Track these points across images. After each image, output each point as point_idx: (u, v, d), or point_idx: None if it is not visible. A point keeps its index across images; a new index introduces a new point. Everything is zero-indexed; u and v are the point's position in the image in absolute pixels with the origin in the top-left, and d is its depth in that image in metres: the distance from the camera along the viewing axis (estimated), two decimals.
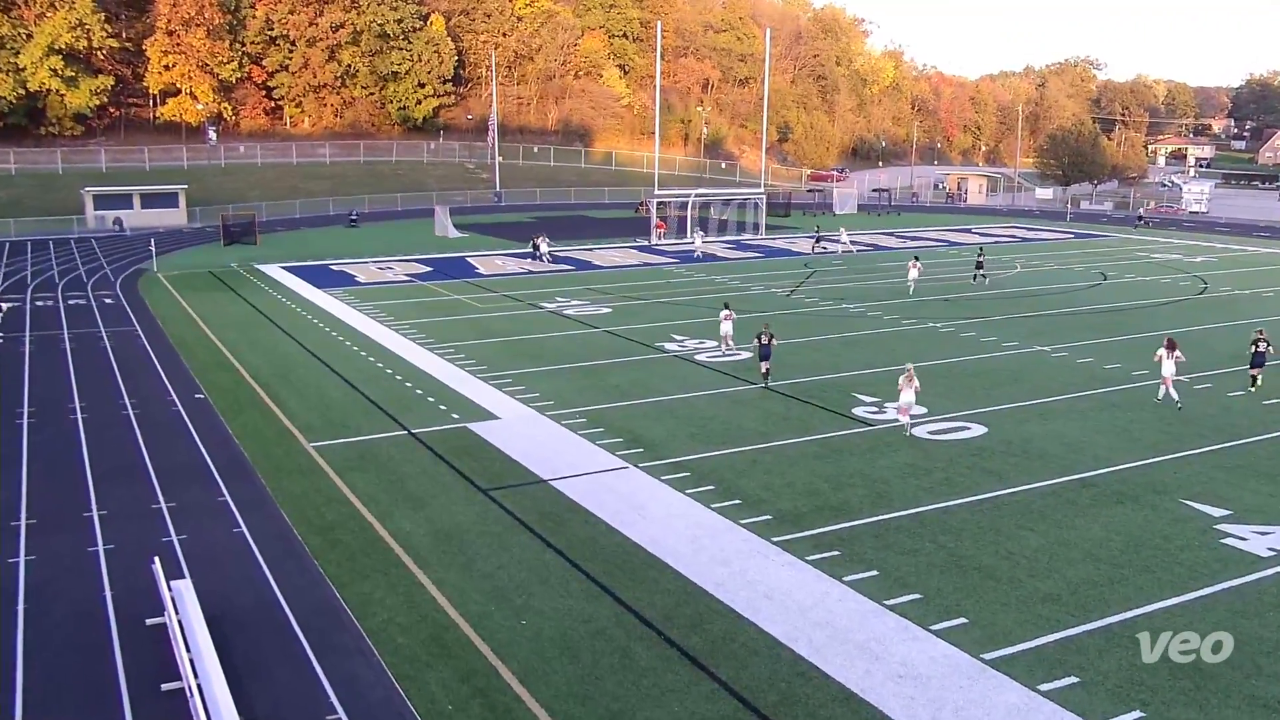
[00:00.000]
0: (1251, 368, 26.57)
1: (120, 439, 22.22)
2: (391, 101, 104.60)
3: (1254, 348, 26.62)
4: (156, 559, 14.88)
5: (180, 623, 13.01)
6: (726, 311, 31.10)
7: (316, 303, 40.24)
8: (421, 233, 66.61)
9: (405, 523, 17.47)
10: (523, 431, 22.79)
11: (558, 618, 14.19)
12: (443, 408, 24.69)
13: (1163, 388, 25.27)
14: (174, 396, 25.78)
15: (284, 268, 50.35)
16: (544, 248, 54.15)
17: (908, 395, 22.55)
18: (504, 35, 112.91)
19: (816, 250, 58.23)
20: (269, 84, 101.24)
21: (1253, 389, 26.42)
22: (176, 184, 73.99)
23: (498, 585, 15.15)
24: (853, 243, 60.11)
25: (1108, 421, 23.81)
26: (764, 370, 27.10)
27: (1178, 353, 25.30)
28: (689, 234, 62.11)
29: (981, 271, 46.40)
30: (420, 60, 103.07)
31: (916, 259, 45.34)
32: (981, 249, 53.24)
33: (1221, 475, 20.06)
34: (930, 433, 22.72)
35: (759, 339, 27.35)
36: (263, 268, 50.31)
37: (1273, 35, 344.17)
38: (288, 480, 19.57)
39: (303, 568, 15.77)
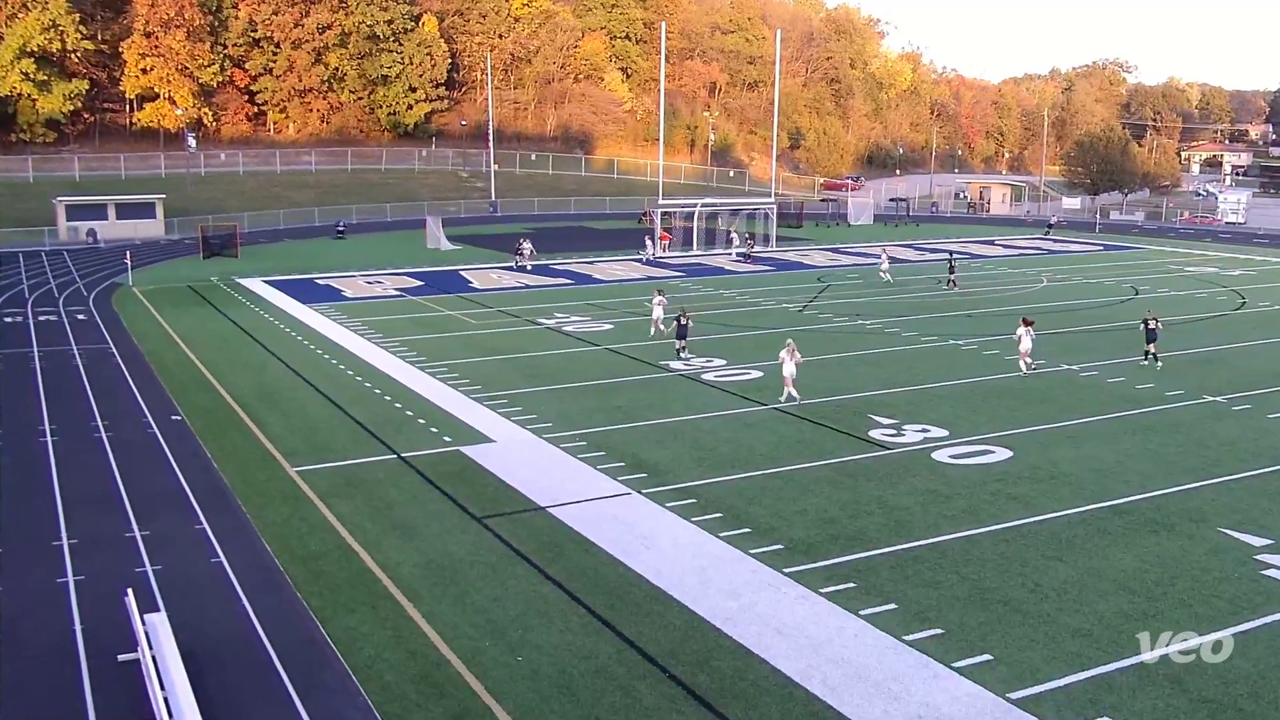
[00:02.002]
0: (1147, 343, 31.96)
1: (92, 463, 22.21)
2: (381, 106, 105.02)
3: (1144, 325, 32.38)
4: (129, 591, 14.84)
5: (154, 659, 12.95)
6: (659, 297, 36.50)
7: (301, 319, 40.28)
8: (412, 245, 66.76)
9: (394, 552, 17.43)
10: (519, 455, 22.76)
11: (556, 654, 14.13)
12: (434, 430, 24.67)
13: (1022, 363, 30.74)
14: (149, 418, 25.77)
15: (267, 282, 50.44)
16: (526, 252, 54.26)
17: (789, 367, 27.18)
18: (500, 37, 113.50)
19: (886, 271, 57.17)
20: (252, 88, 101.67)
21: (1150, 362, 31.59)
22: (153, 193, 74.20)
23: (492, 619, 15.10)
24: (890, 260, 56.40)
25: (1141, 445, 23.76)
26: (679, 348, 32.46)
27: (1032, 330, 30.92)
28: (695, 245, 62.22)
29: (953, 277, 48.85)
30: (411, 63, 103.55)
31: (884, 249, 49.14)
32: (952, 254, 55.36)
33: (1263, 502, 19.99)
34: (952, 457, 22.69)
35: (678, 320, 32.95)
36: (244, 282, 50.41)
37: None
38: (269, 507, 19.54)
39: (285, 600, 15.72)
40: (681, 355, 32.43)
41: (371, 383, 29.54)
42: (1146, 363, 31.79)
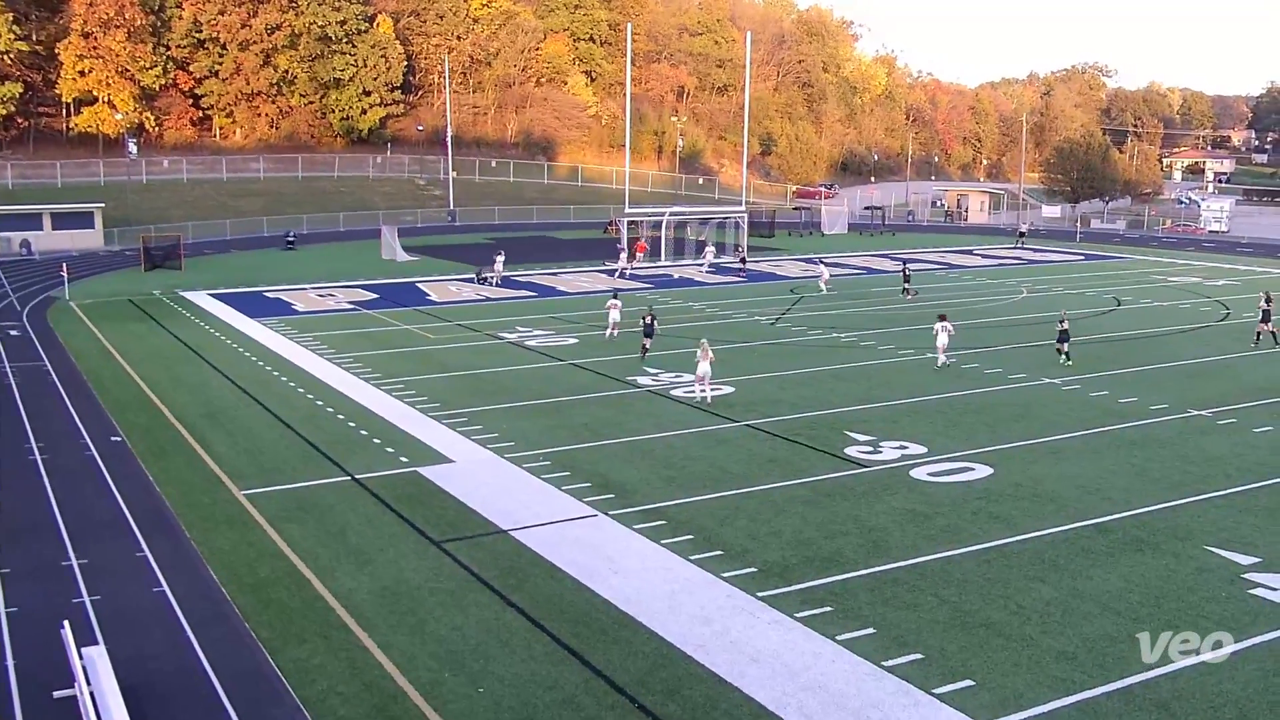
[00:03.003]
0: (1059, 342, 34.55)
1: (26, 487, 21.90)
2: (333, 111, 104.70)
3: (1060, 325, 35.10)
4: (66, 623, 14.64)
5: (93, 695, 12.77)
6: (614, 300, 38.76)
7: (249, 334, 40.01)
8: (367, 256, 66.49)
9: (348, 579, 17.30)
10: (480, 476, 22.68)
11: (519, 685, 14.06)
12: (390, 450, 24.55)
13: (940, 357, 33.53)
14: (87, 439, 25.47)
15: (212, 295, 50.06)
16: (498, 266, 54.42)
17: (704, 366, 28.94)
18: (458, 38, 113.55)
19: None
20: (196, 91, 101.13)
21: (1064, 362, 33.98)
22: (92, 202, 73.44)
23: (452, 649, 15.01)
24: (831, 271, 56.36)
25: (1125, 460, 24.02)
26: (644, 346, 34.45)
27: (949, 324, 34.06)
28: (664, 256, 62.38)
29: (908, 284, 50.25)
30: (366, 66, 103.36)
31: (821, 259, 52.83)
32: (906, 263, 56.64)
33: (1250, 519, 20.25)
34: (931, 475, 22.83)
35: (644, 320, 35.26)
36: (188, 295, 50.00)
37: None
38: (215, 533, 19.35)
39: (232, 631, 15.57)
40: (646, 356, 34.09)
41: (323, 400, 29.36)
42: (1063, 360, 34.17)
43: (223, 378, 32.44)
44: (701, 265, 61.28)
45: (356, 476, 22.57)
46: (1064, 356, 34.32)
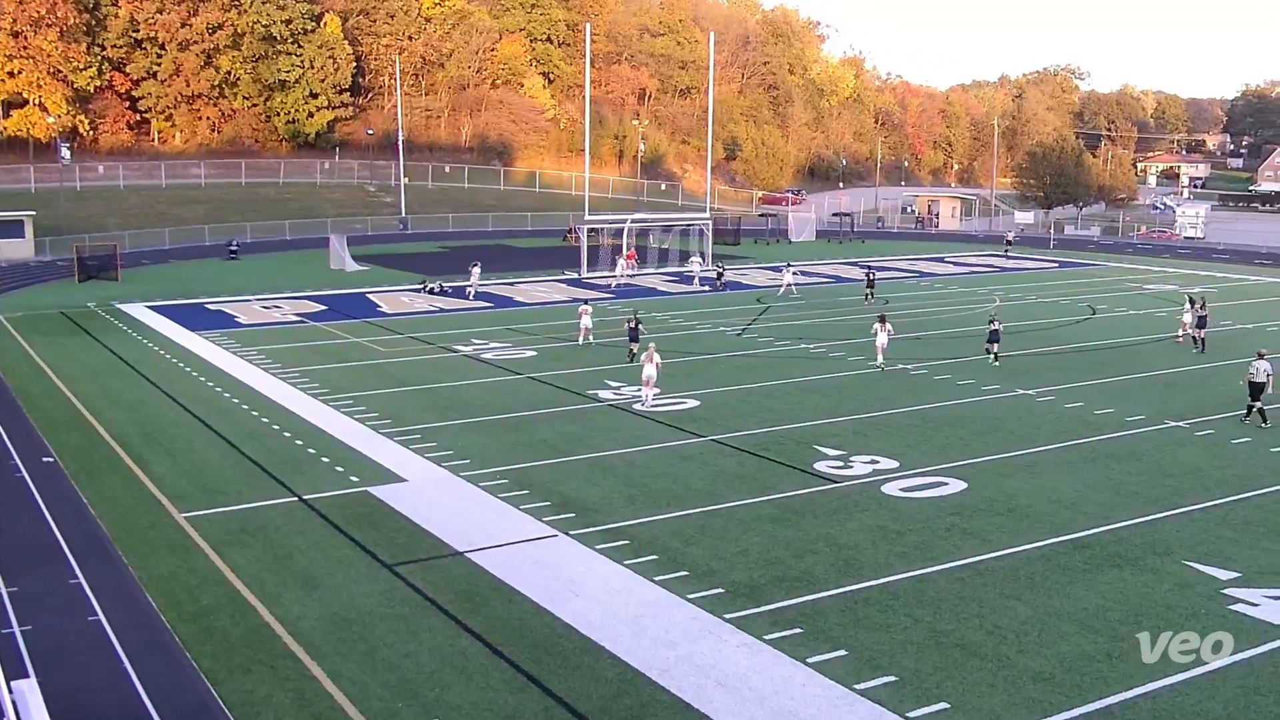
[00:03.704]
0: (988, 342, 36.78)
1: None
2: (279, 114, 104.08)
3: (990, 325, 37.22)
4: None
5: None
6: (585, 307, 40.76)
7: (190, 348, 39.66)
8: (314, 266, 66.13)
9: (295, 605, 17.15)
10: (434, 496, 22.58)
11: (476, 714, 13.98)
12: (340, 469, 24.39)
13: (879, 356, 35.44)
14: (16, 460, 25.12)
15: (150, 307, 49.59)
16: (475, 277, 54.58)
17: (649, 370, 30.03)
18: (410, 38, 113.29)
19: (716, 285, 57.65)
20: (134, 94, 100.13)
21: (992, 362, 36.25)
22: (22, 210, 72.48)
23: (405, 677, 14.90)
24: (797, 274, 58.38)
25: (1101, 474, 24.28)
26: (631, 350, 35.92)
27: (889, 325, 36.06)
28: (614, 265, 62.41)
29: (871, 290, 51.72)
30: (312, 67, 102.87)
31: (789, 265, 57.30)
32: (870, 269, 57.71)
33: (1228, 533, 20.53)
34: (903, 490, 22.97)
35: (628, 324, 37.23)
36: (125, 308, 49.50)
37: (1269, 43, 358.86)
38: (154, 558, 19.12)
39: (172, 662, 15.38)
40: (631, 359, 35.45)
41: (269, 418, 29.13)
42: (991, 361, 36.43)
43: (162, 394, 32.12)
44: (692, 277, 60.80)
45: (304, 497, 22.40)
46: (992, 357, 36.39)
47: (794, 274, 56.97)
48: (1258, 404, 28.75)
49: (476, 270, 55.05)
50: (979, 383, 33.58)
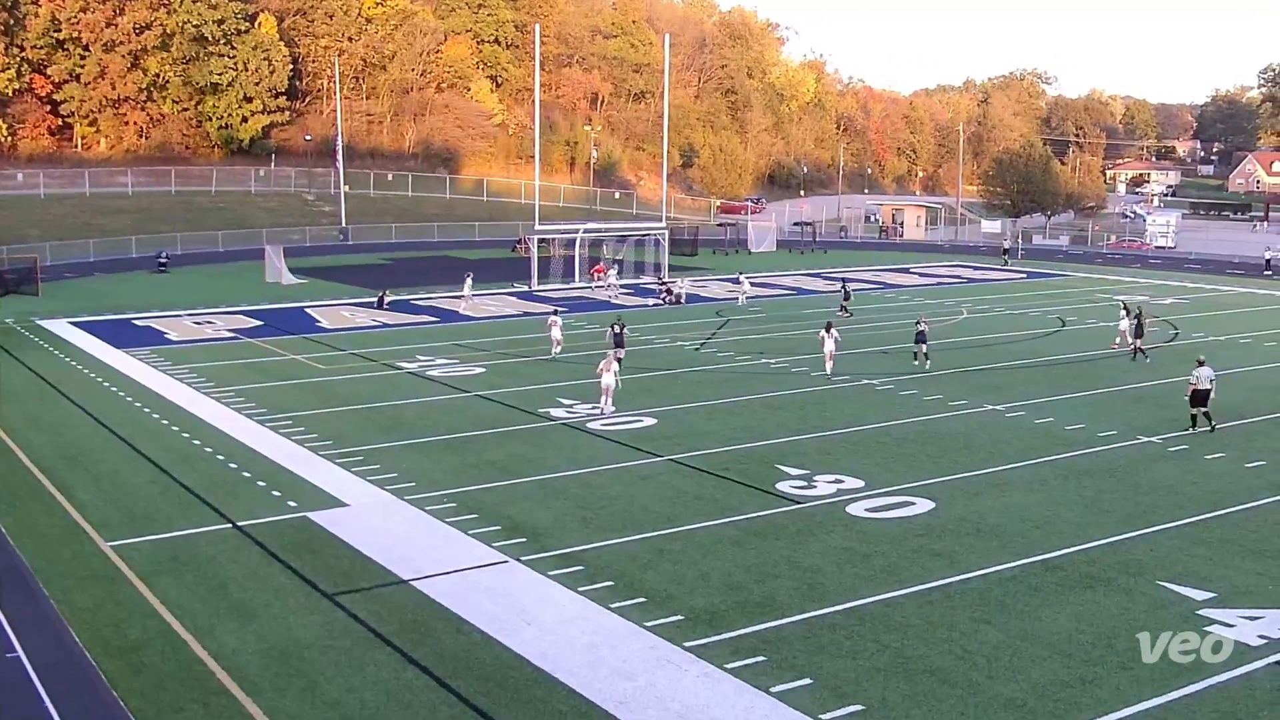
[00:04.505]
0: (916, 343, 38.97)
1: None
2: (211, 119, 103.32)
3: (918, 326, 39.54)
4: None
5: None
6: (554, 318, 41.84)
7: (116, 366, 39.20)
8: (249, 279, 65.60)
9: (229, 639, 16.95)
10: (377, 521, 22.42)
11: None
12: (277, 494, 24.17)
13: (828, 363, 36.77)
14: None
15: (74, 324, 48.97)
16: (467, 288, 55.16)
17: (608, 379, 31.13)
18: (350, 40, 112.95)
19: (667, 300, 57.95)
20: (55, 97, 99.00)
21: (919, 363, 38.62)
22: None
23: (347, 714, 14.77)
24: (753, 286, 59.87)
25: (1073, 492, 24.54)
26: (618, 357, 35.51)
27: (835, 332, 37.40)
28: (577, 276, 62.49)
29: (846, 303, 52.04)
30: (246, 69, 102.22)
31: (742, 274, 59.43)
32: (845, 281, 59.01)
33: (1203, 551, 20.81)
34: (869, 510, 23.09)
35: (612, 328, 37.99)
36: (46, 324, 48.86)
37: (1238, 47, 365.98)
38: (78, 590, 18.84)
39: (98, 701, 15.15)
40: (621, 364, 35.72)
41: (201, 440, 28.84)
42: (916, 363, 38.70)
43: (86, 416, 31.72)
44: (607, 287, 61.33)
45: (239, 524, 22.17)
46: (918, 359, 38.72)
47: (750, 284, 58.48)
48: (1204, 409, 29.64)
49: (469, 280, 55.80)
50: (946, 398, 33.87)
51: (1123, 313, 43.81)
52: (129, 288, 62.61)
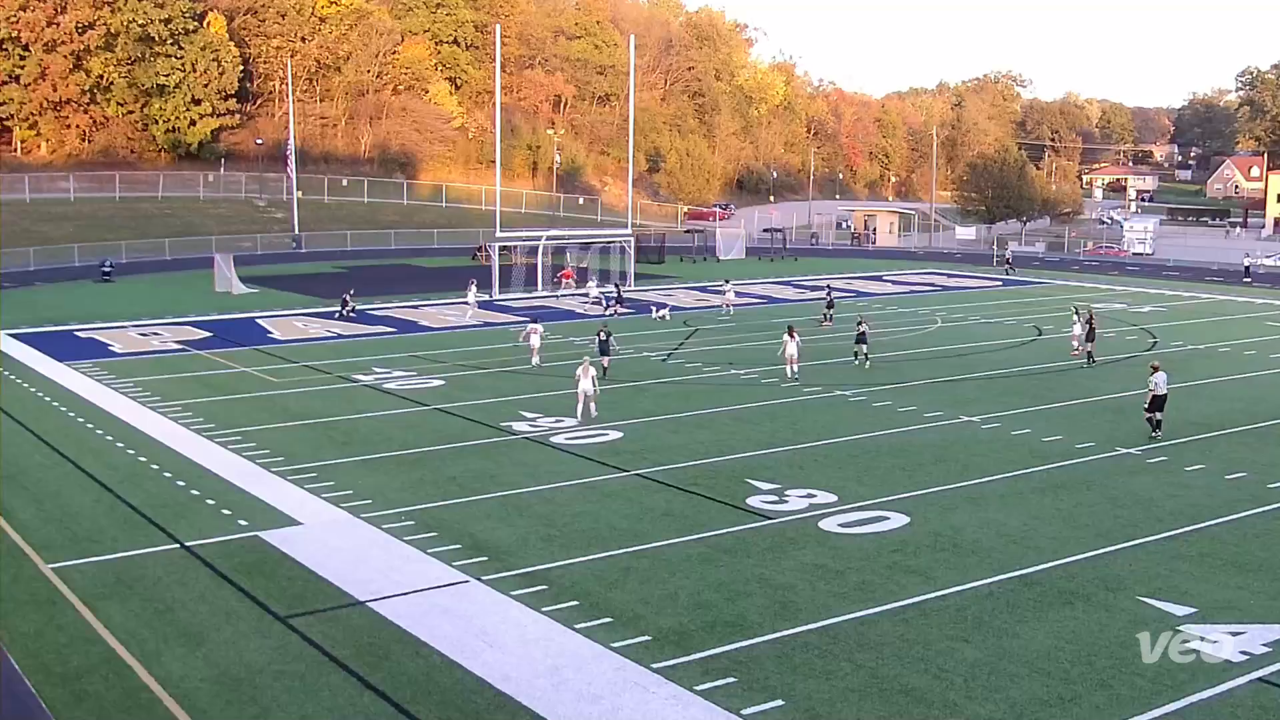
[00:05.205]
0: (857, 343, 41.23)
1: None
2: (157, 122, 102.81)
3: (858, 327, 41.75)
4: None
5: None
6: (534, 325, 41.87)
7: (58, 380, 38.84)
8: (197, 288, 65.24)
9: (177, 664, 16.81)
10: (331, 540, 22.30)
11: None
12: (226, 512, 24.00)
13: (790, 367, 38.06)
14: None
15: (13, 335, 48.47)
16: (471, 296, 55.63)
17: (585, 383, 32.01)
18: (303, 40, 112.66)
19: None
20: None
21: (859, 362, 40.77)
22: None
23: None
24: (737, 295, 60.33)
25: (1050, 506, 24.71)
26: (604, 365, 37.53)
27: (797, 337, 38.78)
28: (540, 285, 62.39)
29: (830, 311, 52.71)
30: (195, 70, 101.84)
31: (728, 281, 60.71)
32: (829, 289, 59.52)
33: (1183, 566, 21.00)
34: (842, 526, 23.16)
35: (598, 335, 39.28)
36: None
37: (1215, 50, 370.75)
38: (17, 615, 18.63)
39: None
40: (605, 371, 37.49)
41: (147, 457, 28.62)
42: (856, 363, 40.84)
43: (26, 432, 31.40)
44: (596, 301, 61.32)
45: (187, 544, 22.00)
46: (857, 359, 40.87)
47: (734, 293, 59.14)
48: (1159, 414, 30.48)
49: (474, 288, 56.29)
50: (921, 409, 34.05)
51: (1075, 317, 45.00)
52: (71, 298, 62.08)
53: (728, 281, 61.07)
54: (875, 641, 17.59)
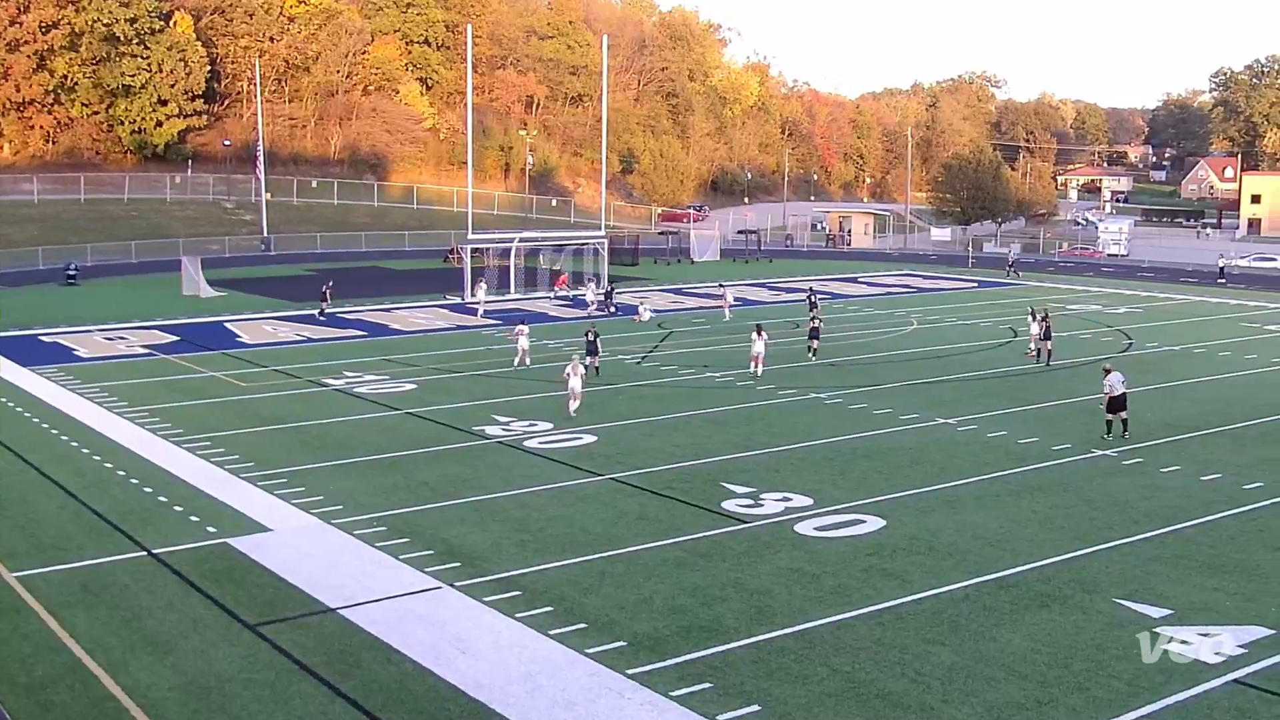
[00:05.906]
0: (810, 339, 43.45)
1: None
2: (123, 123, 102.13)
3: (811, 322, 44.91)
4: None
5: None
6: (521, 326, 42.18)
7: (21, 386, 38.56)
8: (164, 292, 64.85)
9: (145, 673, 16.71)
10: (302, 546, 22.21)
11: None
12: (195, 519, 23.87)
13: (755, 365, 39.19)
14: None
15: None
16: (481, 295, 56.83)
17: (575, 382, 32.76)
18: (271, 40, 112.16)
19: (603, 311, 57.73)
20: None
21: (811, 355, 42.92)
22: None
23: None
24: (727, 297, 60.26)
25: (1026, 508, 24.85)
26: (595, 365, 38.40)
27: (765, 335, 40.22)
28: (513, 287, 62.25)
29: (814, 312, 51.67)
30: (161, 70, 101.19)
31: (723, 283, 60.89)
32: (812, 290, 60.16)
33: (1159, 568, 21.15)
34: (818, 529, 23.22)
35: (587, 335, 39.79)
36: None
37: (1189, 50, 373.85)
38: None
39: None
40: (596, 372, 38.28)
41: (113, 463, 28.44)
42: (810, 355, 42.98)
43: None
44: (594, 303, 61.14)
45: (154, 551, 21.87)
46: (812, 353, 42.92)
47: (733, 295, 59.69)
48: (1123, 414, 30.90)
49: (483, 287, 57.09)
50: (896, 411, 34.19)
51: (1030, 317, 45.62)
52: (35, 301, 61.60)
53: (722, 284, 61.59)
54: (851, 645, 17.64)
